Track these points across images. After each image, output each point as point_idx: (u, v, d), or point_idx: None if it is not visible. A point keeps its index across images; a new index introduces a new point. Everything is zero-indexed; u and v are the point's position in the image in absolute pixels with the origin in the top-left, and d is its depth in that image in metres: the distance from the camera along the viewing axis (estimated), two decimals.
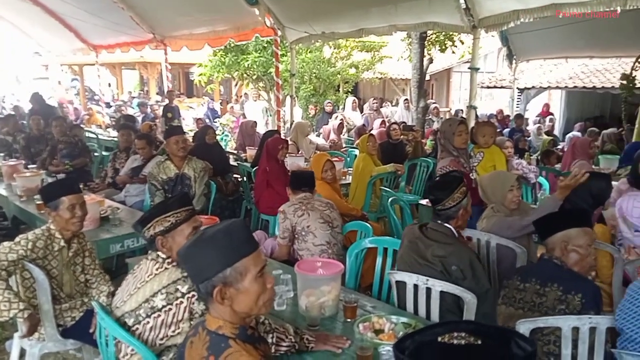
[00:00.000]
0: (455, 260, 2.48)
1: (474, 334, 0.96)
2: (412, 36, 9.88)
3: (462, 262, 2.47)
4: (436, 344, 1.00)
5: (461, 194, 2.59)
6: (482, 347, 0.96)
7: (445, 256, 2.50)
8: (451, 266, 2.48)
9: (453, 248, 2.51)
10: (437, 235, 2.59)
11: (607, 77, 11.76)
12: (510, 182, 3.21)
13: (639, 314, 1.83)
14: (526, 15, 4.99)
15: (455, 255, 2.49)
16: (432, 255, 2.53)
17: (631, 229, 2.96)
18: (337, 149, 7.63)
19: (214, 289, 1.41)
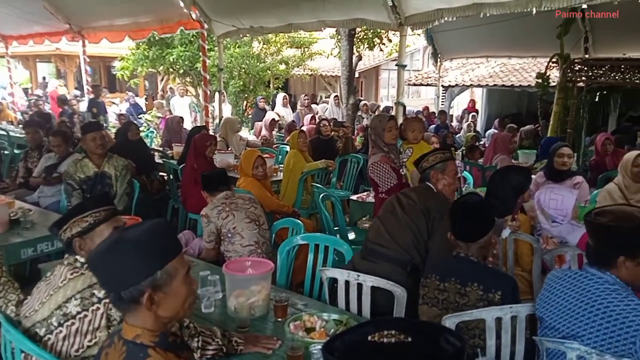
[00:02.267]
0: (437, 207, 2.73)
1: (404, 331, 0.93)
2: (341, 33, 9.95)
3: (442, 209, 2.65)
4: (367, 343, 0.97)
5: (436, 158, 2.95)
6: (413, 345, 0.94)
7: (426, 200, 2.79)
8: (435, 210, 2.71)
9: (435, 199, 2.81)
10: (418, 189, 2.97)
11: (524, 76, 12.43)
12: None
13: (557, 302, 1.90)
14: (450, 14, 5.14)
15: (436, 203, 2.77)
16: (415, 200, 2.81)
17: (548, 219, 3.11)
18: (268, 145, 7.54)
19: (142, 294, 1.32)
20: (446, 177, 2.92)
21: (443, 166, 2.93)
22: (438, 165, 2.93)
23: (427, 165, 2.96)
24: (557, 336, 1.88)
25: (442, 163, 2.93)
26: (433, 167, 2.94)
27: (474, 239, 2.23)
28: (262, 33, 7.55)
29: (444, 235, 2.48)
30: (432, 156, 2.99)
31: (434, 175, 2.93)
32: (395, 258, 2.72)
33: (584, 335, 1.78)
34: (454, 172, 2.97)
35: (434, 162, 2.95)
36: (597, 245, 1.85)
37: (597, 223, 1.84)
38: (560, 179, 4.33)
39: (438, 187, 2.92)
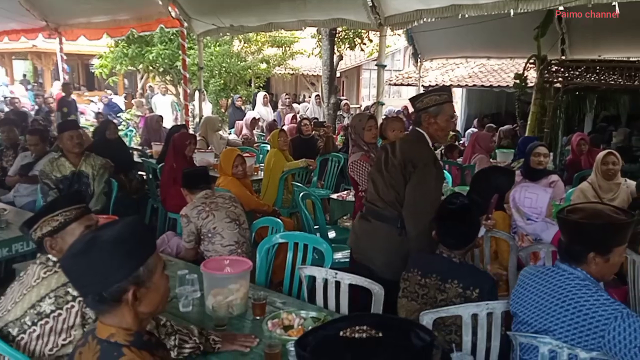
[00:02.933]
0: (416, 158, 2.65)
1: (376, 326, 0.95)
2: (322, 33, 9.97)
3: (423, 160, 2.64)
4: (338, 338, 0.98)
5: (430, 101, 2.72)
6: (383, 340, 0.95)
7: (407, 151, 2.70)
8: (413, 161, 2.64)
9: (416, 150, 2.69)
10: (405, 138, 2.93)
11: (503, 76, 12.59)
12: None
13: (530, 298, 1.94)
14: (428, 15, 5.19)
15: (417, 154, 2.67)
16: (396, 155, 2.73)
17: (523, 217, 3.15)
18: (249, 144, 7.51)
19: (126, 292, 1.34)
20: (439, 121, 2.69)
21: (437, 110, 2.68)
22: (432, 109, 2.69)
23: (421, 107, 2.72)
24: (530, 331, 1.92)
25: (437, 107, 2.68)
26: (426, 110, 2.69)
27: (460, 247, 2.27)
28: (242, 32, 7.52)
29: (419, 185, 2.56)
30: (428, 97, 2.72)
31: (426, 118, 2.70)
32: (385, 216, 2.74)
33: (556, 329, 1.82)
34: (448, 116, 2.73)
35: (428, 104, 2.70)
36: (569, 242, 1.90)
37: (569, 220, 1.89)
38: (537, 178, 4.40)
39: (429, 131, 2.71)
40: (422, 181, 2.60)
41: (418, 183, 2.60)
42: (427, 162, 2.63)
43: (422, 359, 0.95)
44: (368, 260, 2.81)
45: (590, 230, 1.83)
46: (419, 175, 2.61)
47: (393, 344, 0.94)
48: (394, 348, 0.95)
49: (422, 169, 2.61)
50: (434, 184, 2.65)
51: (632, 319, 1.68)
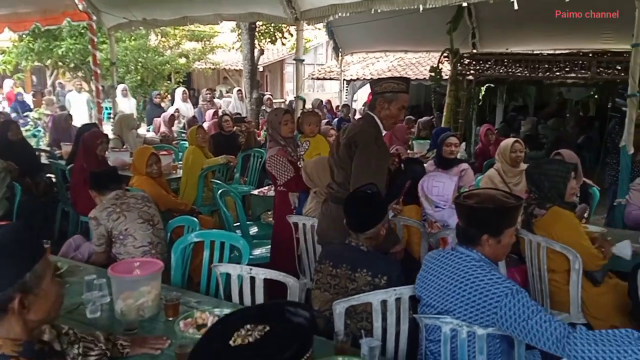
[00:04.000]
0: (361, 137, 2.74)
1: (255, 321, 0.96)
2: (241, 27, 9.84)
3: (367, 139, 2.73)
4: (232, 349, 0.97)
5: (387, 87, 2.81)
6: (272, 331, 0.96)
7: (355, 132, 2.78)
8: (357, 141, 2.73)
9: (363, 131, 2.79)
10: (357, 120, 3.05)
11: (420, 69, 13.04)
12: None
13: (433, 281, 2.04)
14: (343, 9, 5.27)
15: (363, 134, 2.76)
16: (346, 136, 2.83)
17: (432, 205, 3.31)
18: (168, 142, 7.30)
19: (12, 301, 1.27)
20: (391, 108, 2.79)
21: (392, 97, 2.79)
22: (388, 95, 2.79)
23: (379, 90, 2.82)
24: (434, 312, 2.02)
25: (392, 94, 2.79)
26: (382, 95, 2.80)
27: (362, 230, 2.33)
28: (155, 26, 7.27)
29: (359, 164, 2.66)
30: (386, 83, 2.83)
31: (380, 102, 2.80)
32: (339, 197, 2.81)
33: (456, 309, 1.93)
34: (401, 105, 2.82)
35: (385, 89, 2.80)
36: (465, 225, 2.01)
37: (465, 205, 2.00)
38: (448, 167, 4.62)
39: (380, 115, 2.81)
40: (362, 160, 2.70)
41: (359, 162, 2.70)
42: (368, 141, 2.71)
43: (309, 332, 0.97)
44: (329, 243, 2.82)
45: (483, 214, 1.95)
46: (359, 154, 2.71)
47: (280, 332, 0.96)
48: (283, 334, 0.96)
49: (362, 147, 2.71)
50: (375, 162, 2.71)
51: (520, 294, 1.81)
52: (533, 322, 1.75)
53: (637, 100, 4.30)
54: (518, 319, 1.78)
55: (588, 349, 1.65)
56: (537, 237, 2.92)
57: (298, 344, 0.91)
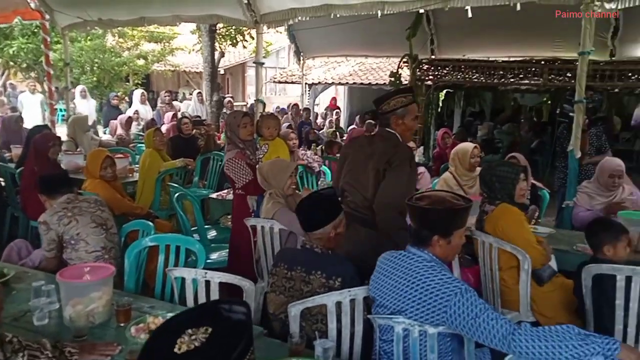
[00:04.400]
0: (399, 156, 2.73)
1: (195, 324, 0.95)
2: (201, 29, 9.74)
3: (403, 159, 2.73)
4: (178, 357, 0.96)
5: (397, 103, 2.82)
6: (215, 332, 0.96)
7: (389, 152, 2.75)
8: (396, 159, 2.72)
9: (396, 148, 2.77)
10: (383, 137, 2.87)
11: (380, 74, 13.21)
12: (290, 169, 3.40)
13: (386, 282, 2.07)
14: (302, 13, 5.29)
15: (398, 152, 2.75)
16: (378, 153, 2.79)
17: None
18: (125, 145, 7.15)
19: None
20: (406, 122, 2.84)
21: (404, 111, 2.83)
22: (399, 111, 2.83)
23: (388, 109, 2.85)
24: (387, 313, 2.05)
25: (403, 108, 2.83)
26: (394, 112, 2.83)
27: (310, 229, 2.35)
28: (112, 26, 7.11)
29: (391, 182, 2.65)
30: (394, 100, 2.85)
31: (394, 120, 2.83)
32: (364, 219, 2.80)
33: (407, 309, 1.96)
34: (414, 116, 2.89)
35: (395, 106, 2.83)
36: (416, 227, 2.06)
37: (416, 207, 2.04)
38: None
39: (397, 131, 2.84)
40: (395, 178, 2.69)
41: (391, 180, 2.69)
42: (404, 161, 2.73)
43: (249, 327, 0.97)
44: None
45: (434, 215, 2.00)
46: (395, 171, 2.70)
47: (223, 332, 0.96)
48: (226, 333, 0.96)
49: (398, 166, 2.71)
50: (407, 182, 2.73)
51: (469, 294, 1.87)
52: (480, 320, 1.80)
53: (583, 106, 4.48)
54: (466, 317, 1.83)
55: (532, 344, 1.72)
56: (489, 238, 3.01)
57: (243, 340, 0.91)
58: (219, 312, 1.00)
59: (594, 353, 1.69)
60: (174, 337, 0.95)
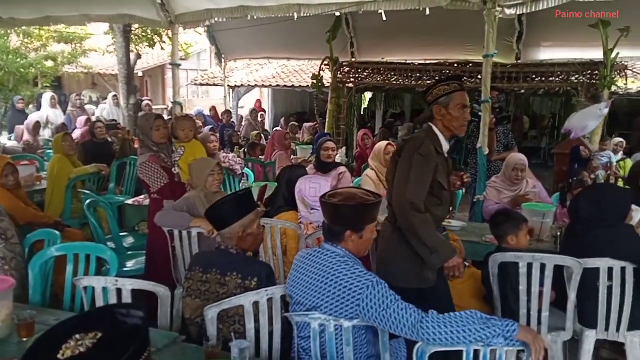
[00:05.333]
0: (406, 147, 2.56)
1: (87, 327, 0.92)
2: (115, 29, 9.35)
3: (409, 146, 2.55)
4: None
5: (439, 92, 2.57)
6: (104, 337, 0.93)
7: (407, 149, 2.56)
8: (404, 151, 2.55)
9: (415, 140, 2.57)
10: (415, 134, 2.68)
11: (303, 77, 13.28)
12: (210, 167, 3.37)
13: (302, 279, 2.09)
14: (219, 15, 5.22)
15: (410, 144, 2.56)
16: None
17: (308, 207, 3.39)
18: (32, 151, 6.72)
19: None
20: (451, 111, 2.53)
21: (447, 100, 2.54)
22: (442, 100, 2.55)
23: (431, 99, 2.59)
24: (303, 310, 2.07)
25: (446, 96, 2.54)
26: (437, 102, 2.56)
27: (219, 228, 2.33)
28: (14, 25, 6.66)
29: (398, 176, 2.47)
30: (436, 89, 2.58)
31: (438, 111, 2.56)
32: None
33: (323, 305, 1.99)
34: (460, 104, 2.55)
35: (437, 95, 2.56)
36: (330, 223, 2.09)
37: (329, 203, 2.08)
38: (327, 170, 4.76)
39: (443, 123, 2.57)
40: (401, 170, 2.50)
41: (398, 172, 2.51)
42: (411, 152, 2.50)
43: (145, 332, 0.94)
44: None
45: (346, 211, 2.05)
46: (400, 164, 2.53)
47: (114, 337, 0.92)
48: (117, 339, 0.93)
49: (403, 158, 2.52)
50: (415, 174, 2.45)
51: (380, 286, 1.92)
52: (391, 310, 1.86)
53: (489, 106, 4.76)
54: (378, 309, 1.88)
55: (439, 331, 1.80)
56: None
57: (134, 346, 0.89)
58: (114, 317, 0.96)
59: (495, 335, 1.80)
60: (60, 343, 0.90)
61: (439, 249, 2.43)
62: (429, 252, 2.42)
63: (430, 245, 2.42)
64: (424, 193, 2.47)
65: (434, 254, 2.43)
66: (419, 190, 2.45)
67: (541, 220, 3.59)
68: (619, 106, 12.45)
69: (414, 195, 2.42)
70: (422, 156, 2.47)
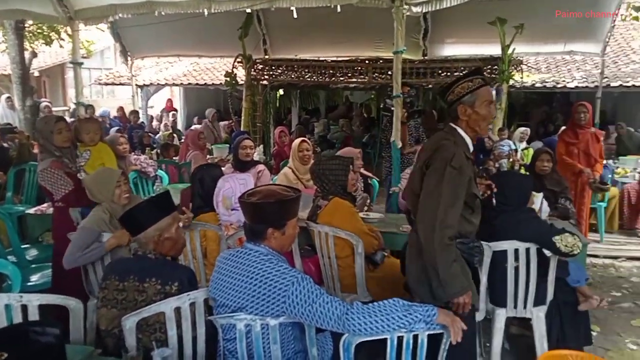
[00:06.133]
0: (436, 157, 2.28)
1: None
2: (6, 26, 8.61)
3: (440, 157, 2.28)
4: None
5: (463, 89, 2.33)
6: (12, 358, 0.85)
7: (430, 151, 2.34)
8: (434, 160, 2.28)
9: (445, 147, 2.29)
10: (441, 133, 2.43)
11: (216, 74, 13.00)
12: (115, 178, 3.15)
13: (225, 281, 2.04)
14: (123, 10, 4.97)
15: (440, 151, 2.29)
16: (425, 149, 2.43)
17: (229, 208, 3.32)
18: None
19: None
20: (477, 110, 2.32)
21: (472, 97, 2.32)
22: (466, 98, 2.32)
23: (453, 98, 2.36)
24: (228, 311, 2.02)
25: (471, 94, 2.32)
26: (460, 101, 2.33)
27: (133, 233, 2.23)
28: None
29: (428, 189, 2.23)
30: (458, 86, 2.35)
31: (462, 110, 2.33)
32: None
33: (248, 305, 1.96)
34: (487, 101, 2.36)
35: (460, 94, 2.34)
36: (250, 222, 2.06)
37: (248, 202, 2.05)
38: (245, 169, 4.69)
39: (468, 123, 2.35)
40: (433, 184, 2.25)
41: (428, 186, 2.27)
42: (443, 162, 2.24)
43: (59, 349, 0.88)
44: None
45: (266, 208, 2.02)
46: (428, 176, 2.29)
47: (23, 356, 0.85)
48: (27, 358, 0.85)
49: (433, 169, 2.28)
50: (448, 189, 2.21)
51: (305, 281, 1.92)
52: (317, 304, 1.87)
53: (401, 101, 4.93)
54: (304, 304, 1.88)
55: (364, 320, 1.84)
56: (324, 228, 3.15)
57: None
58: (26, 336, 0.88)
59: (417, 320, 1.87)
60: None
61: (448, 284, 2.20)
62: (438, 283, 2.22)
63: (442, 277, 2.19)
64: (458, 211, 2.25)
65: (440, 287, 2.22)
66: (454, 209, 2.23)
67: None
68: (516, 99, 13.47)
69: (446, 214, 2.20)
70: (455, 169, 2.22)
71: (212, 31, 8.37)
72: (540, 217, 3.32)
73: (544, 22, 7.15)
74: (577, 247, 2.76)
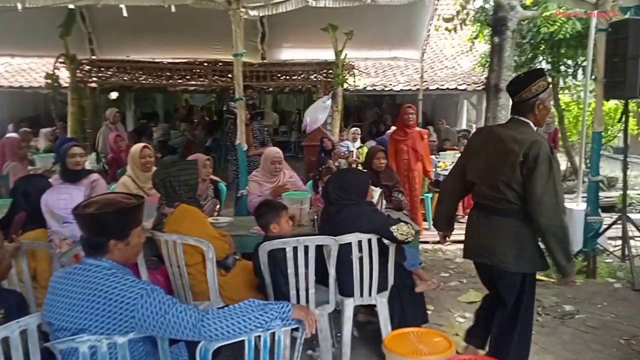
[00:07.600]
0: (535, 149, 2.53)
1: None
2: None
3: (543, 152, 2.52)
4: None
5: (539, 88, 2.60)
6: None
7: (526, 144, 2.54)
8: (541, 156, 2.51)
9: (532, 137, 2.57)
10: (515, 126, 2.67)
11: (34, 76, 11.67)
12: None
13: (62, 302, 1.83)
14: None
15: (535, 144, 2.54)
16: (512, 140, 2.60)
17: (60, 222, 3.01)
18: None
19: None
20: (546, 104, 2.68)
21: (545, 95, 2.66)
22: (542, 95, 2.63)
23: (530, 95, 2.62)
24: (68, 335, 1.83)
25: (545, 92, 2.65)
26: (536, 97, 2.63)
27: None
28: None
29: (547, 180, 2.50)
30: (535, 85, 2.61)
31: (539, 106, 2.64)
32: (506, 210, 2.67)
33: (92, 325, 1.79)
34: (551, 97, 2.74)
35: (537, 92, 2.62)
36: (89, 235, 1.89)
37: (85, 214, 1.88)
38: (77, 179, 4.28)
39: (537, 117, 2.67)
40: (549, 176, 2.52)
41: (547, 178, 2.52)
42: (546, 158, 2.53)
43: None
44: (497, 259, 2.67)
45: (106, 219, 1.87)
46: (544, 171, 2.52)
47: None
48: None
49: (542, 166, 2.52)
50: (557, 176, 2.58)
51: (155, 292, 1.82)
52: (170, 315, 1.79)
53: (243, 103, 4.94)
54: (156, 317, 1.79)
55: (220, 325, 1.81)
56: (172, 236, 3.02)
57: None
58: None
59: (273, 318, 1.89)
60: None
61: (573, 259, 2.69)
62: (567, 258, 2.59)
63: (569, 253, 2.61)
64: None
65: (570, 262, 2.61)
66: (562, 195, 2.62)
67: (299, 207, 3.90)
68: (351, 101, 14.41)
69: (562, 198, 2.59)
70: (555, 161, 2.60)
71: (26, 28, 7.52)
72: (379, 209, 3.59)
73: (371, 29, 7.75)
74: (411, 235, 3.05)
